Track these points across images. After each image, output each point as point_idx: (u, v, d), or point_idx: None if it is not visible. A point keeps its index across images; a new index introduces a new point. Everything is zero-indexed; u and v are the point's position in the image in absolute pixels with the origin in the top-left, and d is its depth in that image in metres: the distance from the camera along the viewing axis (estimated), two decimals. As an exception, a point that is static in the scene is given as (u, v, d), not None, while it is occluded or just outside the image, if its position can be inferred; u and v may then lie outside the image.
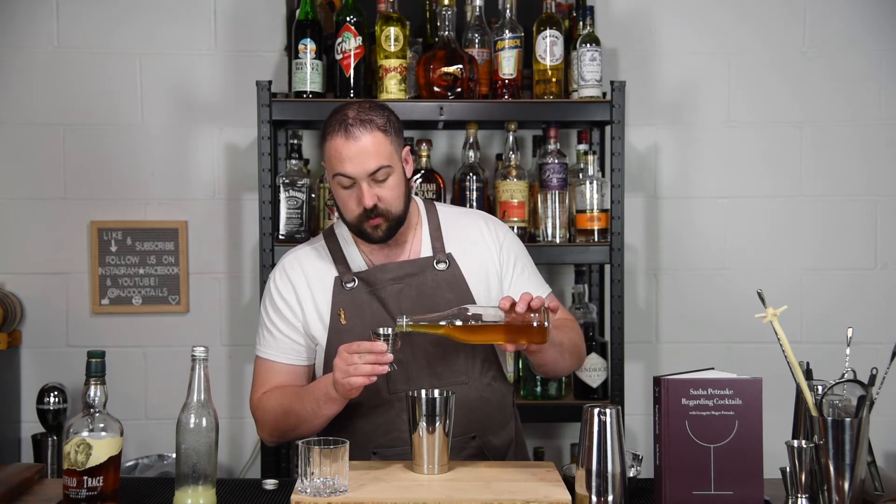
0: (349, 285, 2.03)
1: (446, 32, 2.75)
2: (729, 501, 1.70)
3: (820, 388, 1.71)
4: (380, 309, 2.01)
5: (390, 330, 1.83)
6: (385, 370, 1.81)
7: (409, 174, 2.04)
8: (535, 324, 1.81)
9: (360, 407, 2.00)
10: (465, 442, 2.01)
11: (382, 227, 1.97)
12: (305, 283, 2.05)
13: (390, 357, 1.81)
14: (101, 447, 1.67)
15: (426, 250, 2.08)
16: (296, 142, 2.86)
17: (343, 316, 2.01)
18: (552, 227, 2.80)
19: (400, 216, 1.99)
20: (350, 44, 2.71)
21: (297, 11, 2.77)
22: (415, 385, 1.97)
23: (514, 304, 1.81)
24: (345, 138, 1.92)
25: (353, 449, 1.76)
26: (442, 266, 2.05)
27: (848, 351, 1.76)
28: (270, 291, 2.08)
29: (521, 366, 2.93)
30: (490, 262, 2.09)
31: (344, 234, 2.10)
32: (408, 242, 2.08)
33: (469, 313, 1.83)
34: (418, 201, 2.14)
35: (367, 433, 2.02)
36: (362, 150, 1.92)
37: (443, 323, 1.83)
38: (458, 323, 1.83)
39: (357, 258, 2.07)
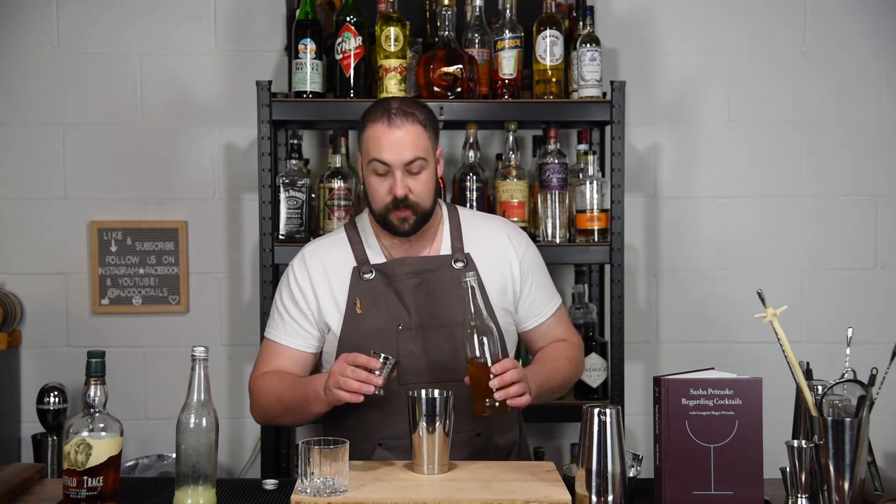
0: (367, 276, 2.07)
1: (446, 32, 2.75)
2: (729, 501, 1.70)
3: (820, 388, 1.72)
4: (395, 301, 2.06)
5: (390, 358, 1.85)
6: (370, 390, 1.84)
7: (440, 173, 2.10)
8: (487, 401, 1.83)
9: (369, 396, 2.01)
10: (470, 439, 2.04)
11: (410, 221, 2.02)
12: (323, 272, 2.09)
13: (379, 381, 1.83)
14: (101, 447, 1.67)
15: (445, 249, 2.12)
16: (296, 142, 2.86)
17: (359, 305, 2.06)
18: (552, 227, 2.80)
19: (427, 212, 2.05)
20: (350, 44, 2.71)
21: (297, 11, 2.77)
22: (424, 378, 2.01)
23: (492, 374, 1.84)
24: (386, 125, 1.99)
25: (360, 439, 1.77)
26: (459, 265, 2.09)
27: (848, 351, 1.76)
28: (288, 277, 2.14)
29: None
30: (508, 271, 2.13)
31: (365, 228, 2.15)
32: (428, 240, 2.12)
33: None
34: (441, 203, 2.18)
35: (375, 423, 2.04)
36: (401, 139, 1.98)
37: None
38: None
39: (377, 251, 2.11)
